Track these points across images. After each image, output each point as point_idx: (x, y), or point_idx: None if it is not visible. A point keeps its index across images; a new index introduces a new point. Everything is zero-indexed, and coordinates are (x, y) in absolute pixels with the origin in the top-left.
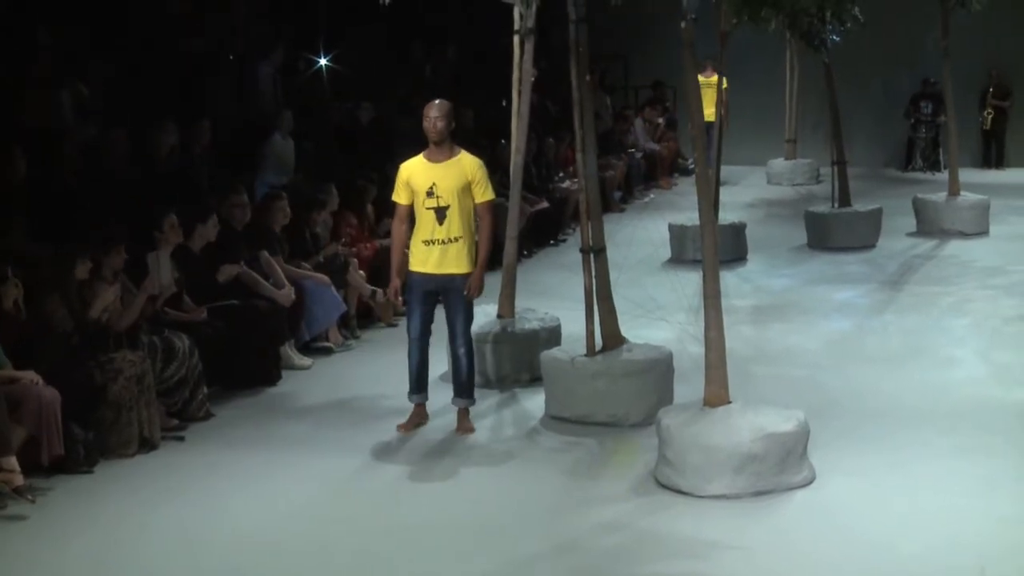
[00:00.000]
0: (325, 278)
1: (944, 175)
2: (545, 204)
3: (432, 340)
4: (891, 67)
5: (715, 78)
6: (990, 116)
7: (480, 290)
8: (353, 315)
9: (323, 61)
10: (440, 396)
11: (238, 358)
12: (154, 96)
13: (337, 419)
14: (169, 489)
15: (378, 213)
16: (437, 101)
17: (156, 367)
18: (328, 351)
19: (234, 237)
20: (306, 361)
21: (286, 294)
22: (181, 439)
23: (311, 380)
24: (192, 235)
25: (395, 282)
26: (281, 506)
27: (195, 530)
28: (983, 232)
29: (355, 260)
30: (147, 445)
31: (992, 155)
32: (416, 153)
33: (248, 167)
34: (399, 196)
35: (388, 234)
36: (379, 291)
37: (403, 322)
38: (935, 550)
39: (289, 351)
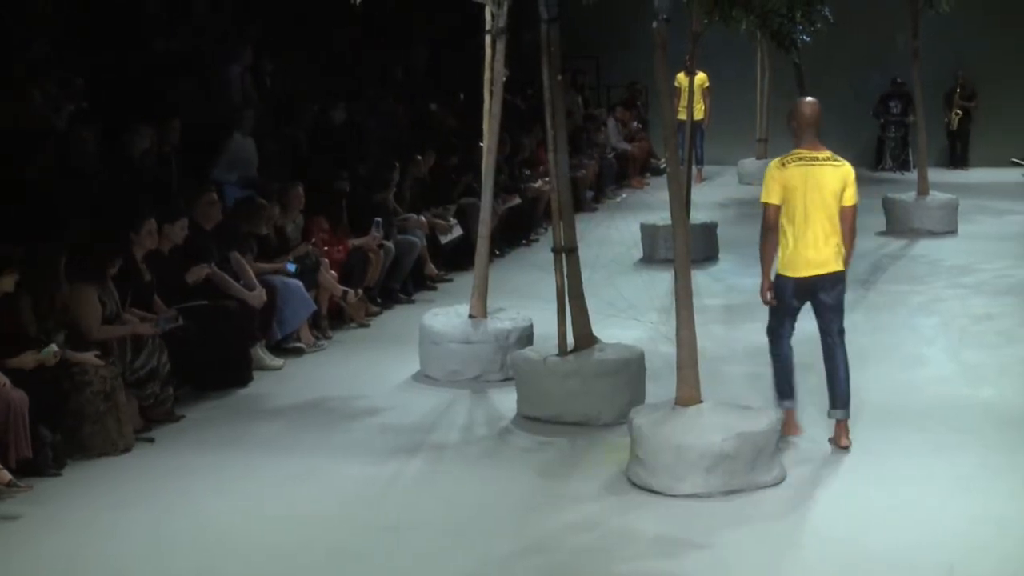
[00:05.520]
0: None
1: (913, 175)
2: (517, 200)
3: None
4: (860, 67)
5: (701, 75)
6: (957, 117)
7: None
8: (324, 315)
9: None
10: (423, 397)
11: (209, 359)
12: (124, 96)
13: (309, 420)
14: (139, 491)
15: (352, 215)
16: None
17: (125, 358)
18: (300, 352)
19: (204, 237)
20: (277, 362)
21: (257, 295)
22: (151, 441)
23: (283, 381)
24: (163, 237)
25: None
26: (253, 508)
27: (166, 533)
28: (952, 231)
29: (326, 260)
30: (116, 448)
31: (958, 155)
32: (388, 153)
33: (215, 165)
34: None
35: (361, 235)
36: (350, 291)
37: (375, 322)
38: (905, 548)
39: (260, 352)
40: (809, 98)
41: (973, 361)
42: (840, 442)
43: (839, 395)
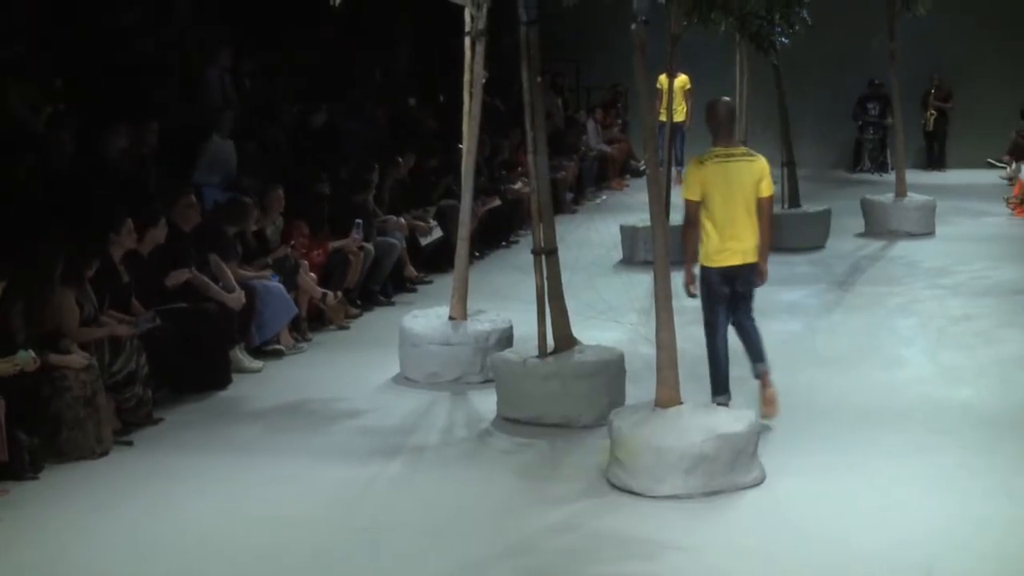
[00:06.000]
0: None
1: (891, 176)
2: (497, 202)
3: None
4: (838, 69)
5: (684, 77)
6: (932, 117)
7: None
8: (304, 318)
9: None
10: (402, 399)
11: (187, 361)
12: (103, 98)
13: (288, 422)
14: (117, 495)
15: (332, 217)
16: None
17: (103, 361)
18: (279, 354)
19: (183, 240)
20: (256, 364)
21: (236, 298)
22: (129, 444)
23: (262, 383)
24: (143, 239)
25: None
26: (233, 510)
27: (145, 536)
28: (930, 233)
29: (306, 263)
30: (94, 453)
31: (934, 157)
32: (367, 156)
33: (194, 168)
34: None
35: (341, 237)
36: (330, 294)
37: (354, 324)
38: (884, 548)
39: (239, 354)
40: (725, 98)
41: (951, 362)
42: (766, 393)
43: (757, 351)
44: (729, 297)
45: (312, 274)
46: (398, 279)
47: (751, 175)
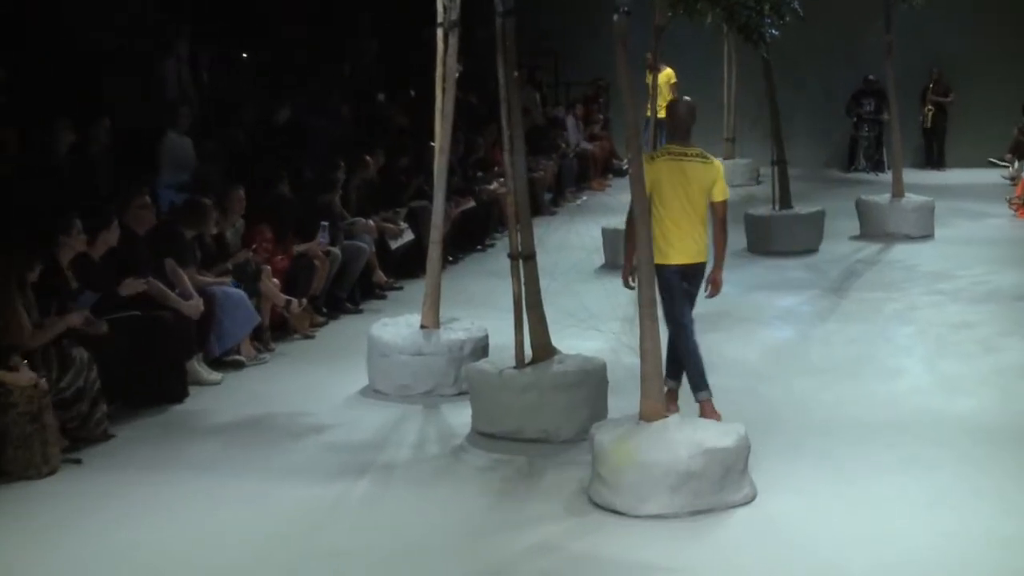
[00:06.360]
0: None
1: (888, 176)
2: (472, 203)
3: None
4: (832, 63)
5: (669, 71)
6: (930, 113)
7: None
8: (266, 326)
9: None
10: (371, 413)
11: (141, 373)
12: (51, 94)
13: (249, 438)
14: (65, 516)
15: (296, 220)
16: None
17: (51, 377)
18: (239, 365)
19: (137, 243)
20: (215, 376)
21: (194, 305)
22: (78, 462)
23: (221, 396)
24: (94, 242)
25: None
26: (188, 534)
27: (94, 561)
28: (928, 235)
29: (268, 268)
30: (40, 472)
31: (933, 155)
32: (333, 154)
33: (151, 168)
34: None
35: (305, 241)
36: (294, 301)
37: (320, 333)
38: (881, 568)
39: (197, 365)
40: (687, 98)
41: (951, 371)
42: (669, 408)
43: (676, 367)
44: (687, 291)
45: (275, 280)
46: (366, 285)
47: (702, 178)
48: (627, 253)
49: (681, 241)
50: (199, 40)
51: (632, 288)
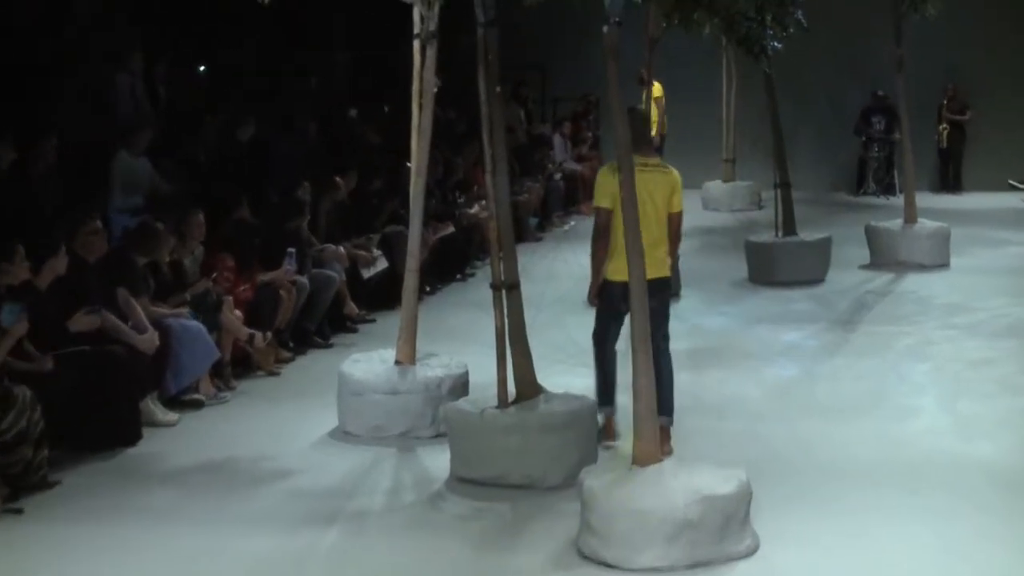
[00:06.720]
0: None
1: (899, 200)
2: (451, 228)
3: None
4: (839, 78)
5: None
6: (946, 132)
7: None
8: (227, 362)
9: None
10: (341, 456)
11: (90, 414)
12: None
13: (208, 485)
14: (4, 573)
15: (260, 247)
16: None
17: None
18: (198, 405)
19: (87, 272)
20: (171, 416)
21: (148, 339)
22: (19, 512)
23: (177, 439)
24: (40, 271)
25: None
26: None
27: None
28: (943, 264)
29: (230, 298)
30: None
31: (949, 177)
32: (300, 175)
33: (101, 189)
34: None
35: (270, 269)
36: (258, 334)
37: (286, 370)
38: None
39: (151, 405)
40: (639, 106)
41: (969, 412)
42: (662, 449)
43: (662, 401)
44: (624, 315)
45: (237, 312)
46: (337, 317)
47: (663, 187)
48: (594, 270)
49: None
50: (154, 51)
51: (595, 305)
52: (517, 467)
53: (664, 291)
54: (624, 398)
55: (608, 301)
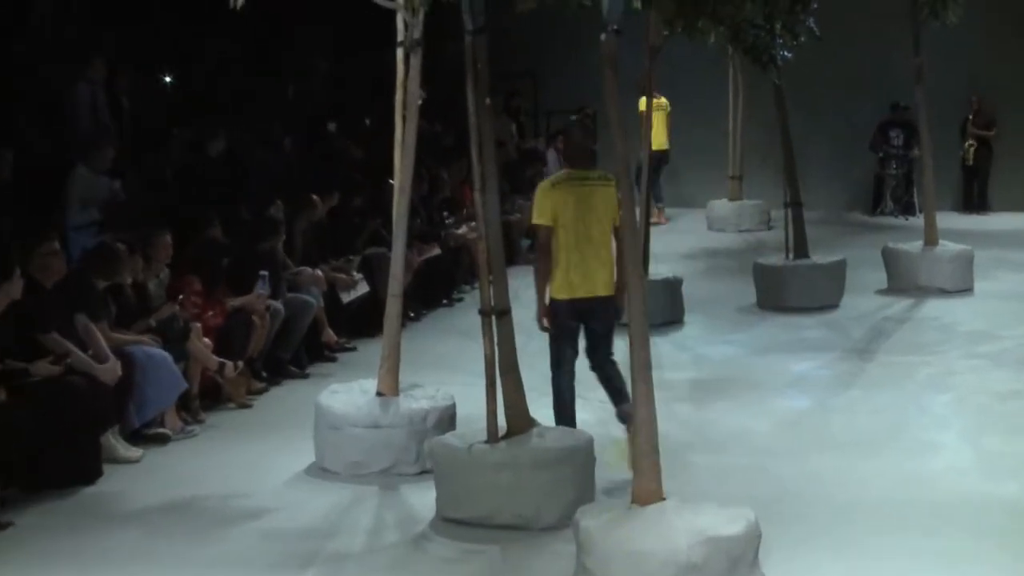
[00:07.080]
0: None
1: (919, 220)
2: (437, 250)
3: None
4: (854, 90)
5: (663, 100)
6: (972, 149)
7: None
8: (196, 394)
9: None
10: (318, 495)
11: (47, 449)
12: None
13: (174, 526)
14: None
15: (231, 269)
16: None
17: None
18: (163, 439)
19: (44, 296)
20: (135, 452)
21: (109, 368)
22: None
23: (141, 476)
24: None
25: None
26: None
27: None
28: (967, 289)
29: (198, 325)
30: None
31: (974, 196)
32: (274, 193)
33: (60, 207)
34: None
35: (242, 294)
36: (228, 364)
37: (259, 402)
38: None
39: (113, 440)
40: (585, 121)
41: (994, 448)
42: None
43: (620, 393)
44: (578, 333)
45: (206, 339)
46: (314, 345)
47: (606, 200)
48: (539, 291)
49: (576, 274)
50: (117, 60)
51: (547, 331)
52: (508, 506)
53: (608, 311)
54: (622, 433)
55: (558, 321)
